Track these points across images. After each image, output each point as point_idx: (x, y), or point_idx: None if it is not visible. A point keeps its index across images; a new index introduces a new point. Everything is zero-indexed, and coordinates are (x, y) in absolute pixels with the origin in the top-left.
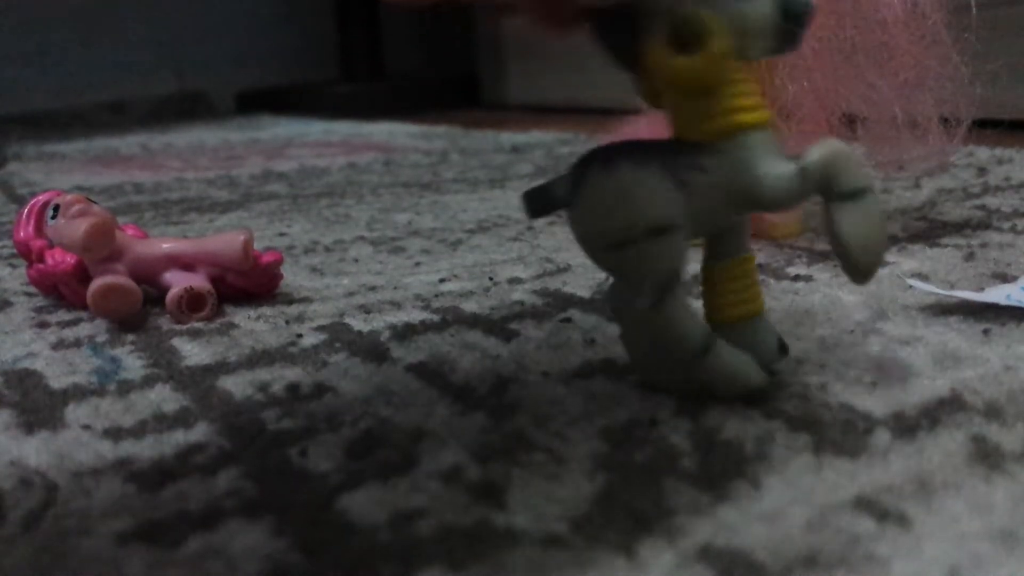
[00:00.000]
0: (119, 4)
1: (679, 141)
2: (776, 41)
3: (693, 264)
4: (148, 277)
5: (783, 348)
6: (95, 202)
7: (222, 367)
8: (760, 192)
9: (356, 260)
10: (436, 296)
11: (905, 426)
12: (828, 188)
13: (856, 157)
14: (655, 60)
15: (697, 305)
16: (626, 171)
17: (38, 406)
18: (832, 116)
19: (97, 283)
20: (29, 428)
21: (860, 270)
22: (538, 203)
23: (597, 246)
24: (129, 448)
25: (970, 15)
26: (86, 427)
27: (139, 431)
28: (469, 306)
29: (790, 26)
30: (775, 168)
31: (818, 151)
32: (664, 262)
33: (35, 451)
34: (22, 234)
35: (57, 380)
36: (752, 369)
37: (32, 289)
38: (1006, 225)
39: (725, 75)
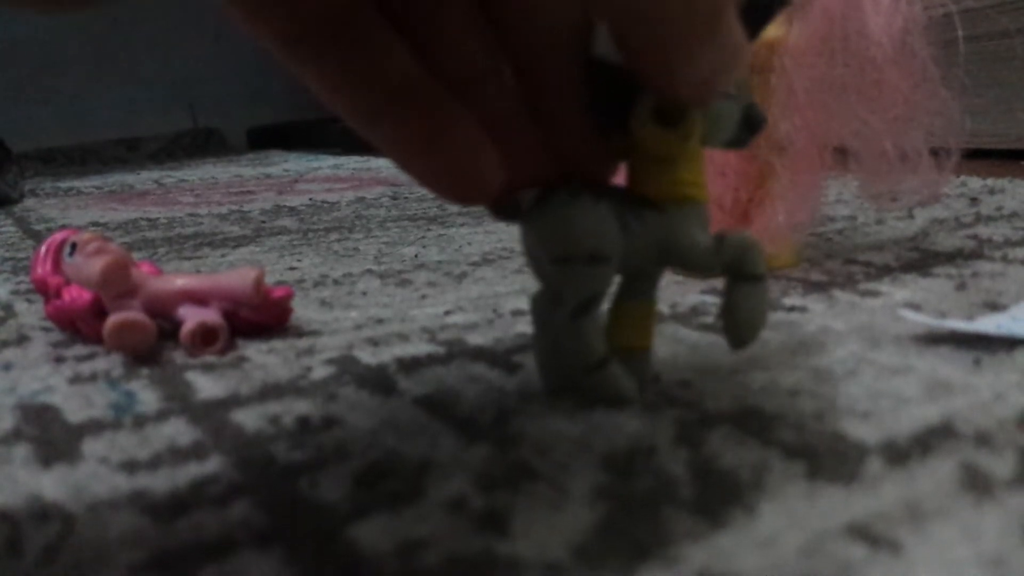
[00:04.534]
0: (134, 44)
1: (633, 193)
2: (732, 139)
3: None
4: (163, 312)
5: (655, 379)
6: (111, 240)
7: (234, 400)
8: (682, 253)
9: (364, 293)
10: (442, 328)
11: (897, 454)
12: (735, 268)
13: (761, 248)
14: (639, 126)
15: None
16: (585, 201)
17: (55, 440)
18: (824, 151)
19: (113, 319)
20: (47, 462)
21: (741, 341)
22: (506, 211)
23: (542, 256)
24: (144, 480)
25: (958, 50)
26: (102, 460)
27: (154, 464)
28: (474, 338)
29: (746, 132)
30: (700, 239)
31: (735, 236)
32: (592, 285)
33: (52, 484)
34: (40, 271)
35: (74, 414)
36: (630, 388)
37: (49, 324)
38: (997, 254)
39: (688, 152)
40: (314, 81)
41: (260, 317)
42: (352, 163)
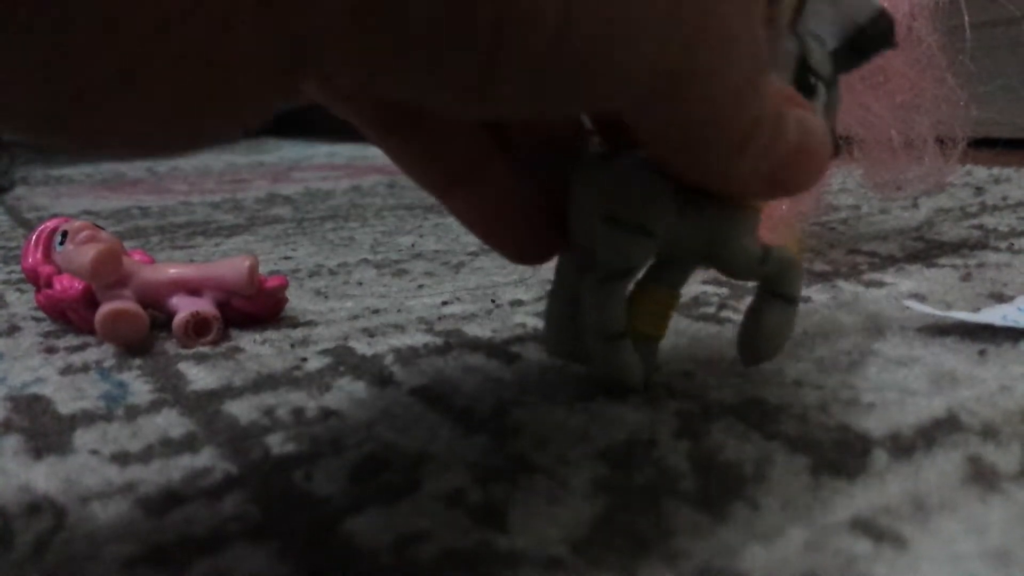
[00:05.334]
0: None
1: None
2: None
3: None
4: (155, 302)
5: (656, 369)
6: (102, 228)
7: (228, 391)
8: (731, 254)
9: (360, 283)
10: (439, 319)
11: (902, 447)
12: (773, 283)
13: (802, 271)
14: None
15: None
16: (652, 173)
17: (46, 431)
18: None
19: (105, 309)
20: (38, 453)
21: (758, 357)
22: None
23: (593, 208)
24: (136, 473)
25: (964, 37)
26: (94, 452)
27: (146, 456)
28: (471, 329)
29: (860, 54)
30: (749, 245)
31: (781, 251)
32: (630, 255)
33: (43, 476)
34: (30, 260)
35: (65, 405)
36: (639, 373)
37: (40, 314)
38: (1003, 245)
39: None
40: (395, 157)
41: (254, 307)
42: (348, 151)
